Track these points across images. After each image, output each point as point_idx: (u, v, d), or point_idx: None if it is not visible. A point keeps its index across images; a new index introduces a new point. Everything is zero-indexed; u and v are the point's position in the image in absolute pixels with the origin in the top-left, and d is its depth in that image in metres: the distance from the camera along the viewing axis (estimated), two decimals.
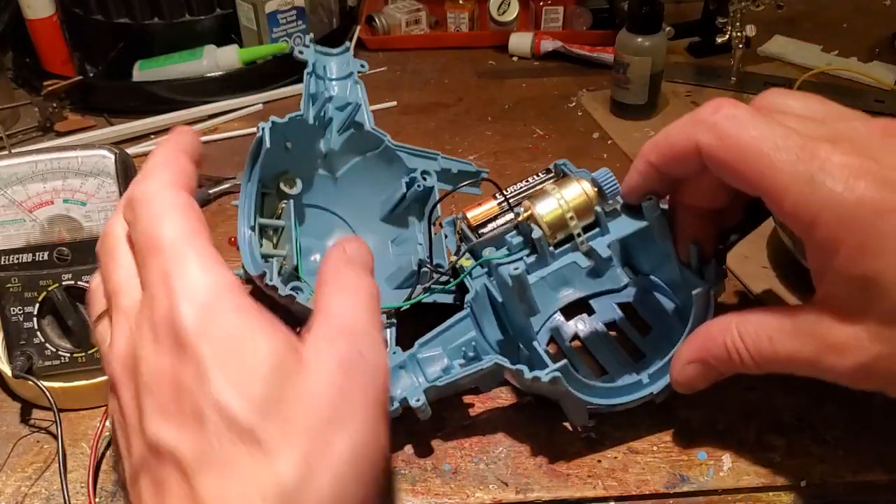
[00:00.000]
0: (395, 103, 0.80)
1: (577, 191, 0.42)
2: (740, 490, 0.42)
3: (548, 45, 0.89)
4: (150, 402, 0.29)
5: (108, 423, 0.46)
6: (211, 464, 0.27)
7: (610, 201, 0.42)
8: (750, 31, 0.76)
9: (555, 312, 0.51)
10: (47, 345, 0.47)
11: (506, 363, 0.41)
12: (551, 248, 0.43)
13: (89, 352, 0.48)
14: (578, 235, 0.42)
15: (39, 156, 0.47)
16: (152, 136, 0.77)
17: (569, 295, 0.51)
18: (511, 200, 0.47)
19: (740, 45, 0.77)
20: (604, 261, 0.42)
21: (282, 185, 0.52)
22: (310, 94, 0.52)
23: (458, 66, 0.90)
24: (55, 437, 0.44)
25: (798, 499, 0.42)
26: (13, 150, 0.71)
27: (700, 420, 0.46)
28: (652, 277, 0.50)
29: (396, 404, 0.41)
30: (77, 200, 0.47)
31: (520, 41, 0.90)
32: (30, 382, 0.46)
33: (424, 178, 0.52)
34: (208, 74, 0.83)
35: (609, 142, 0.74)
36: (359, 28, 0.93)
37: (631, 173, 0.41)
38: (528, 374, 0.39)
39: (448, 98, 0.82)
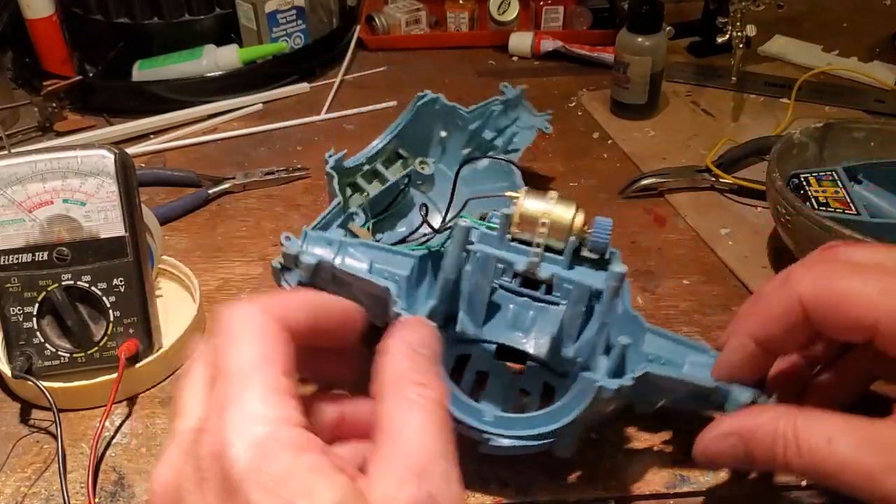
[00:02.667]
0: (395, 103, 0.80)
1: (567, 213, 0.40)
2: (741, 490, 0.42)
3: (548, 44, 0.89)
4: None
5: (106, 424, 0.46)
6: None
7: (589, 249, 0.41)
8: (750, 30, 0.76)
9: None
10: (47, 345, 0.47)
11: (394, 296, 0.39)
12: (509, 236, 0.41)
13: (89, 352, 0.48)
14: (538, 245, 0.41)
15: (39, 156, 0.47)
16: (152, 136, 0.77)
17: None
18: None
19: (741, 45, 0.77)
20: (540, 284, 0.41)
21: (418, 165, 0.56)
22: (489, 112, 0.55)
23: (458, 65, 0.90)
24: (55, 437, 0.44)
25: (798, 498, 0.42)
26: (13, 150, 0.71)
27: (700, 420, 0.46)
28: None
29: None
30: (77, 200, 0.47)
31: (520, 41, 0.90)
32: (29, 382, 0.46)
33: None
34: (208, 74, 0.83)
35: (609, 142, 0.73)
36: (358, 28, 0.93)
37: (727, 353, 0.38)
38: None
39: (448, 98, 0.81)
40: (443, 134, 0.56)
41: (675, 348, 0.41)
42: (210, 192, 0.67)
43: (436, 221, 0.55)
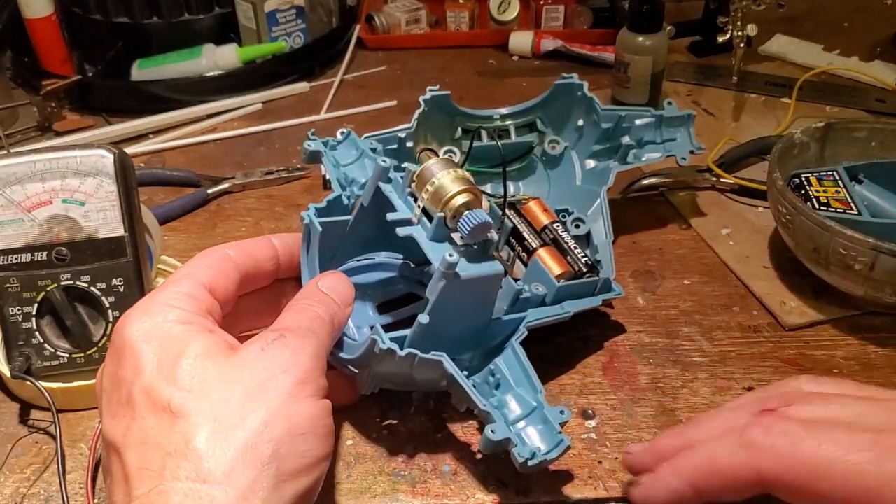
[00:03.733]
0: (395, 102, 0.80)
1: (451, 188, 0.40)
2: None
3: (548, 44, 0.89)
4: (104, 403, 0.35)
5: None
6: (135, 439, 0.32)
7: (459, 235, 0.40)
8: (751, 30, 0.76)
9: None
10: (46, 345, 0.47)
11: (381, 161, 0.44)
12: (409, 189, 0.42)
13: (88, 352, 0.47)
14: (419, 206, 0.41)
15: (38, 155, 0.47)
16: (151, 136, 0.77)
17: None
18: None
19: (741, 45, 0.77)
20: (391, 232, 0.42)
21: (548, 144, 0.58)
22: (626, 119, 0.57)
23: (458, 65, 0.89)
24: (54, 437, 0.44)
25: None
26: (12, 150, 0.70)
27: None
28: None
29: None
30: (76, 200, 0.47)
31: (520, 40, 0.90)
32: (28, 383, 0.46)
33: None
34: (207, 74, 0.82)
35: None
36: (358, 27, 0.93)
37: (659, 488, 0.36)
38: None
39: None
40: (580, 122, 0.58)
41: (518, 374, 0.43)
42: (209, 191, 0.67)
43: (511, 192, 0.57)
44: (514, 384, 0.42)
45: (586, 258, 0.51)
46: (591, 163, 0.58)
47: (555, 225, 0.53)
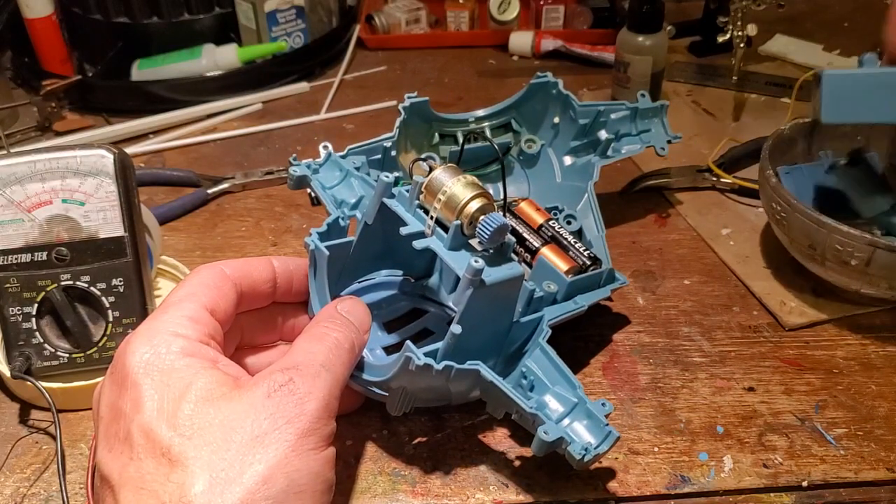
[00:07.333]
0: (394, 102, 0.80)
1: (463, 195, 0.40)
2: (742, 491, 0.42)
3: (548, 44, 0.89)
4: (101, 432, 0.34)
5: None
6: (131, 481, 0.32)
7: (476, 240, 0.40)
8: (751, 30, 0.76)
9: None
10: (46, 345, 0.47)
11: (384, 176, 0.43)
12: (417, 202, 0.42)
13: (88, 352, 0.47)
14: (431, 217, 0.41)
15: (38, 155, 0.47)
16: (151, 136, 0.77)
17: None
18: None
19: (741, 45, 0.77)
20: (407, 244, 0.41)
21: (524, 143, 0.59)
22: (603, 113, 0.56)
23: (458, 65, 0.89)
24: (54, 437, 0.44)
25: (800, 499, 0.42)
26: (12, 150, 0.70)
27: (701, 421, 0.46)
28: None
29: None
30: (76, 200, 0.47)
31: (520, 40, 0.90)
32: (28, 383, 0.46)
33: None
34: (207, 74, 0.82)
35: None
36: (358, 27, 0.93)
37: None
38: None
39: (448, 97, 0.82)
40: (555, 120, 0.58)
41: (551, 373, 0.42)
42: (209, 191, 0.67)
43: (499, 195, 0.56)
44: (550, 383, 0.42)
45: (588, 251, 0.51)
46: (568, 159, 0.58)
47: (550, 223, 0.53)
